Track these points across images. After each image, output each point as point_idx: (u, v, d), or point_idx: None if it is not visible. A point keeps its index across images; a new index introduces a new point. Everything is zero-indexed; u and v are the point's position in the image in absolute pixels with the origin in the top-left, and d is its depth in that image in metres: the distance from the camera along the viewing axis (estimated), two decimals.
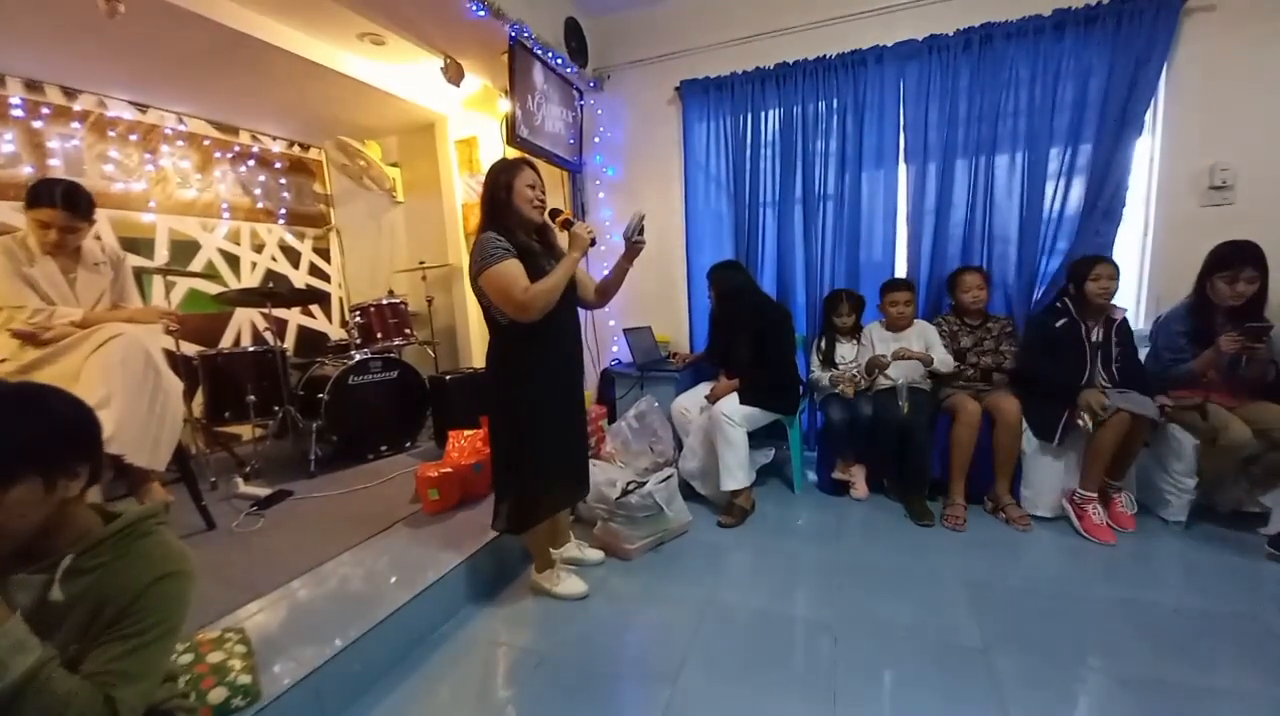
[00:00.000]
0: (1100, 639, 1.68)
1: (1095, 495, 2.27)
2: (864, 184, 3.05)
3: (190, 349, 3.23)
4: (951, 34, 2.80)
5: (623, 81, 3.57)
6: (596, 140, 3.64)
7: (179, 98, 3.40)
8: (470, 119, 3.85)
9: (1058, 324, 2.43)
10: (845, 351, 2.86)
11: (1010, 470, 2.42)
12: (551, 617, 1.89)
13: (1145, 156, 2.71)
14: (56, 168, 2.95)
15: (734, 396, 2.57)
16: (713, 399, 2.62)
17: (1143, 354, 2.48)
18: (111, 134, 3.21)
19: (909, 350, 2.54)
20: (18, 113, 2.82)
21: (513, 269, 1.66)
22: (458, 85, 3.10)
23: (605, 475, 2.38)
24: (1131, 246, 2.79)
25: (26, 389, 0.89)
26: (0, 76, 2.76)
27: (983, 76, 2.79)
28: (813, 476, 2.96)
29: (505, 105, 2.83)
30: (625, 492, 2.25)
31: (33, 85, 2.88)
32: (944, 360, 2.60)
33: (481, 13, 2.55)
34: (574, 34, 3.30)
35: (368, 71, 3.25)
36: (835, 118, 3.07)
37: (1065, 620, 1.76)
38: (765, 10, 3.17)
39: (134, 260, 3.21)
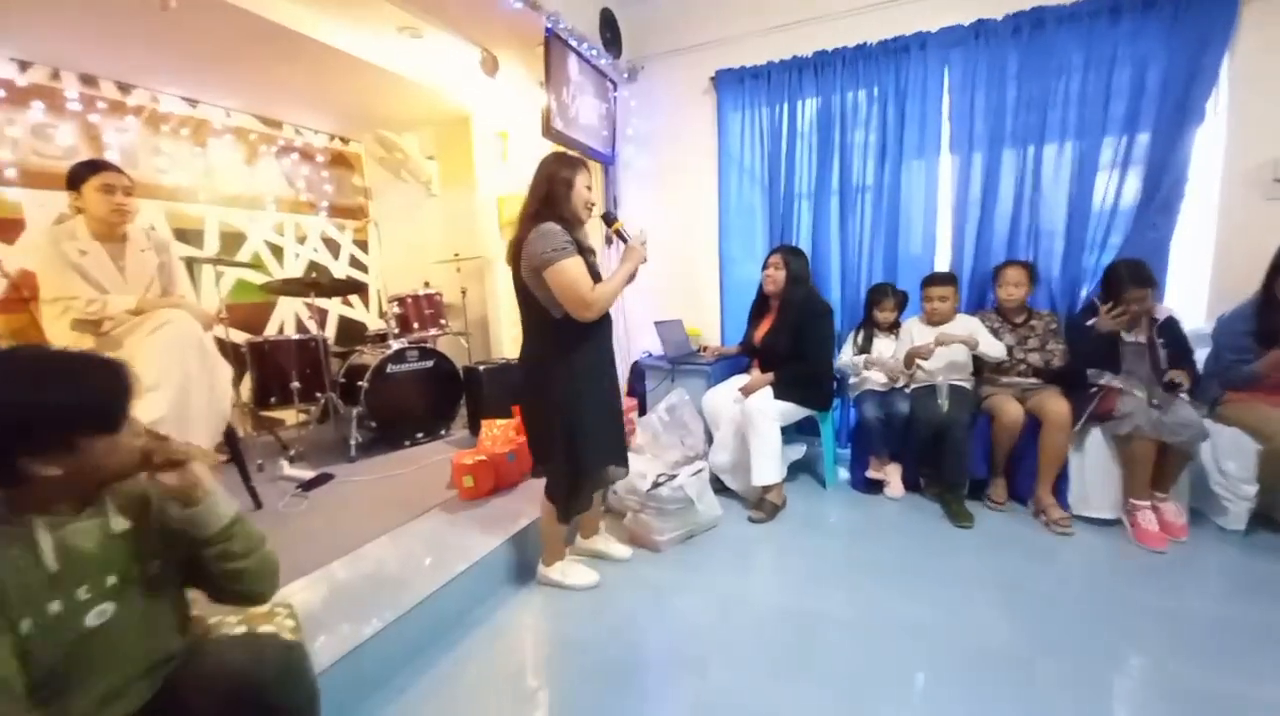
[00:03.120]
0: (1142, 647, 1.62)
1: (1146, 503, 2.18)
2: (904, 175, 2.97)
3: (238, 336, 3.36)
4: (1000, 19, 2.69)
5: (656, 72, 3.54)
6: (630, 132, 3.62)
7: (227, 92, 3.51)
8: (502, 111, 3.87)
9: (1090, 323, 2.35)
10: (883, 347, 2.80)
11: (1053, 473, 2.34)
12: (581, 606, 1.91)
13: (1207, 147, 2.56)
14: (112, 160, 3.08)
15: (768, 390, 2.55)
16: (746, 393, 2.60)
17: (1203, 354, 2.36)
18: (164, 128, 3.34)
19: (952, 334, 2.46)
20: (75, 106, 2.95)
21: (580, 266, 1.67)
22: (493, 77, 3.13)
23: (636, 467, 2.38)
24: (1192, 241, 2.64)
25: (60, 357, 0.92)
26: (57, 71, 2.88)
27: (1033, 63, 2.68)
28: (845, 474, 2.92)
29: (540, 97, 2.84)
30: (656, 485, 2.26)
31: (89, 80, 3.00)
32: (994, 345, 2.50)
33: (518, 4, 2.56)
34: (609, 24, 3.29)
35: (406, 64, 3.30)
36: (875, 107, 2.99)
37: (1105, 626, 1.70)
38: None
39: (184, 250, 3.38)
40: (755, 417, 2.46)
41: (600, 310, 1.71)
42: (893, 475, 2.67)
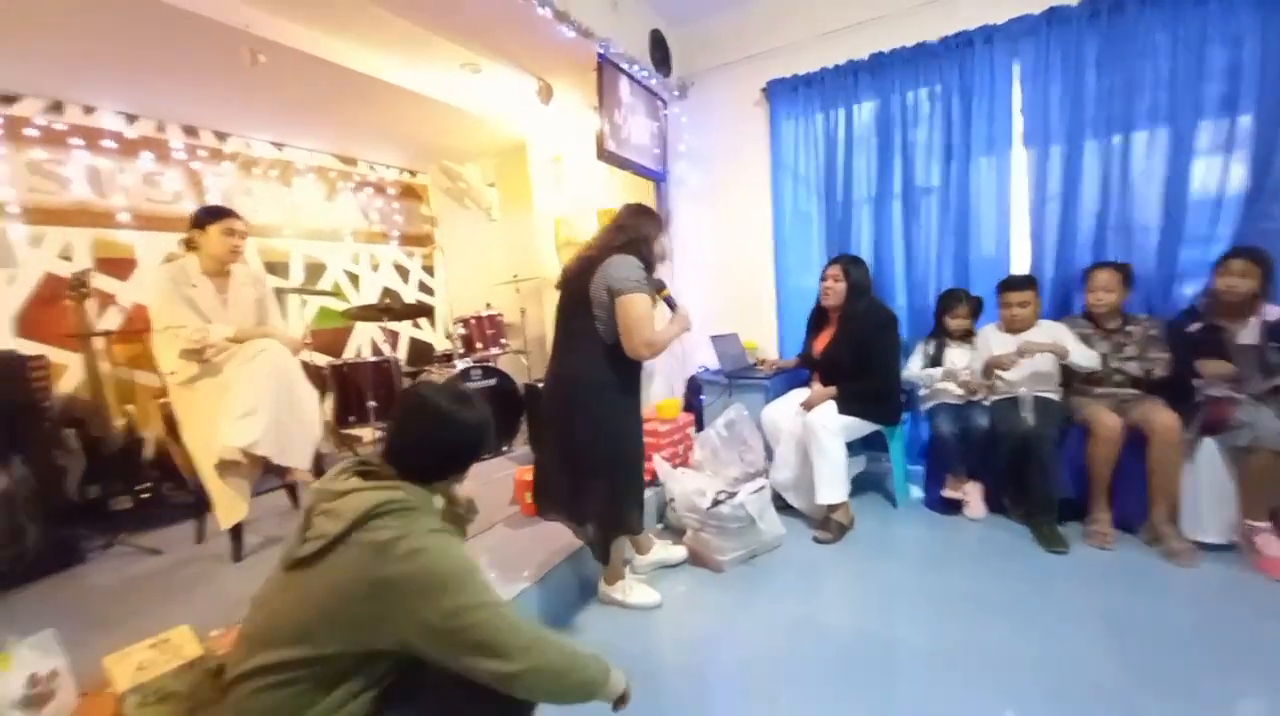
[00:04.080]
0: (1264, 688, 1.42)
1: (1267, 525, 1.93)
2: (972, 173, 2.82)
3: (321, 359, 3.60)
4: (1075, 4, 2.52)
5: (707, 87, 3.55)
6: (681, 148, 3.64)
7: (309, 135, 3.82)
8: (556, 136, 3.99)
9: (1189, 329, 2.15)
10: (955, 357, 2.64)
11: (1170, 495, 2.09)
12: (645, 626, 1.89)
13: None
14: (212, 202, 3.40)
15: (831, 404, 2.46)
16: (808, 407, 2.52)
17: None
18: (255, 170, 3.67)
19: (1037, 343, 2.28)
20: (179, 155, 3.29)
21: (649, 305, 1.75)
22: (548, 104, 3.23)
23: (695, 484, 2.36)
24: None
25: None
26: (162, 123, 3.22)
27: (1114, 47, 2.48)
28: (918, 492, 2.76)
29: (593, 120, 2.91)
30: (716, 502, 2.21)
31: (190, 130, 3.34)
32: (1085, 354, 2.30)
33: (571, 33, 2.64)
34: (659, 45, 3.34)
35: (467, 98, 3.47)
36: (938, 104, 2.86)
37: (1220, 664, 1.51)
38: (855, 1, 3.03)
39: (273, 281, 3.67)
40: (819, 433, 2.37)
41: (655, 353, 1.77)
42: (972, 494, 2.49)
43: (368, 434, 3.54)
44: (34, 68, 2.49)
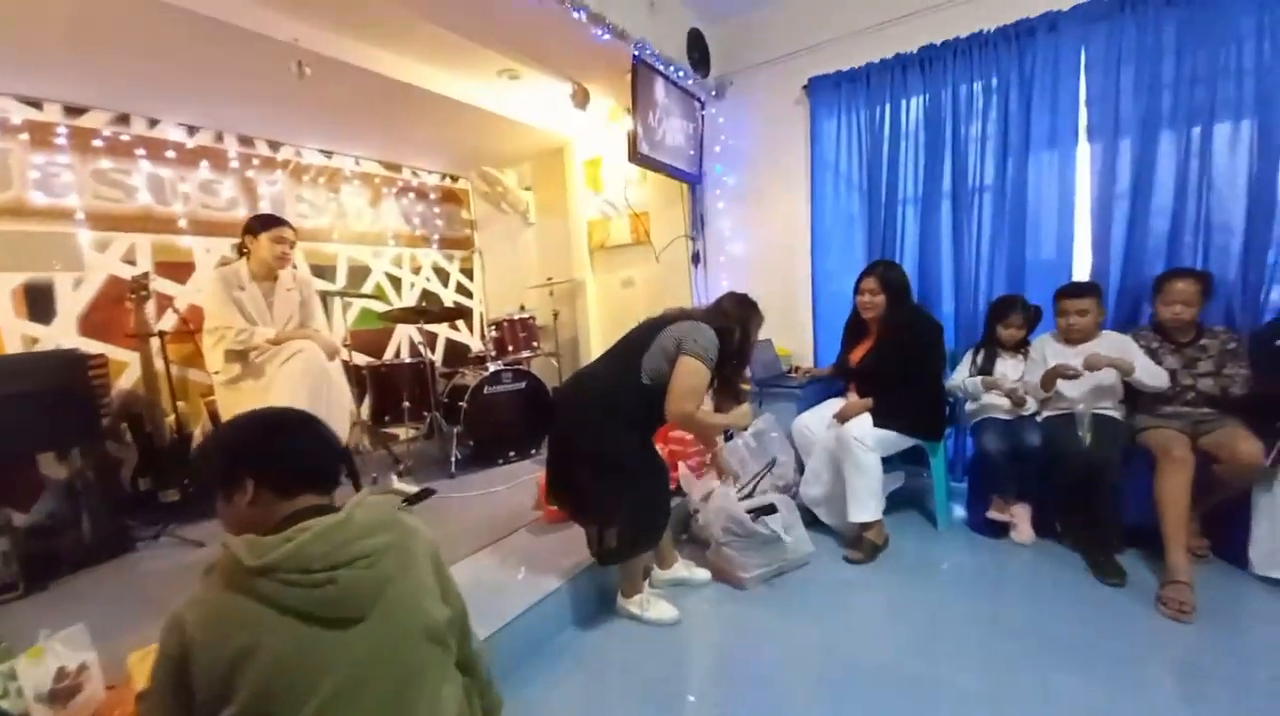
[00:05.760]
0: None
1: None
2: (1031, 170, 2.62)
3: (361, 359, 3.72)
4: None
5: (746, 86, 3.46)
6: (717, 149, 3.56)
7: (354, 143, 3.95)
8: (594, 139, 3.99)
9: (1278, 342, 1.95)
10: (1007, 369, 2.46)
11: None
12: (663, 643, 1.83)
13: None
14: (265, 209, 3.56)
15: (867, 417, 2.33)
16: (842, 418, 2.39)
17: None
18: (305, 178, 3.81)
19: (1102, 357, 2.10)
20: (235, 164, 3.45)
21: (705, 381, 1.76)
22: (584, 109, 3.22)
23: (722, 498, 2.28)
24: None
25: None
26: (220, 134, 3.39)
27: (1195, 31, 2.25)
28: (960, 512, 2.59)
29: (629, 122, 2.88)
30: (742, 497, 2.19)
31: (245, 140, 3.51)
32: (1152, 372, 2.10)
33: (606, 36, 2.61)
34: (696, 44, 3.27)
35: (505, 105, 3.51)
36: (995, 97, 2.67)
37: None
38: None
39: (319, 284, 3.81)
40: (852, 447, 2.25)
41: (685, 427, 1.87)
42: (1020, 517, 2.31)
43: (403, 432, 3.63)
44: (102, 82, 2.66)
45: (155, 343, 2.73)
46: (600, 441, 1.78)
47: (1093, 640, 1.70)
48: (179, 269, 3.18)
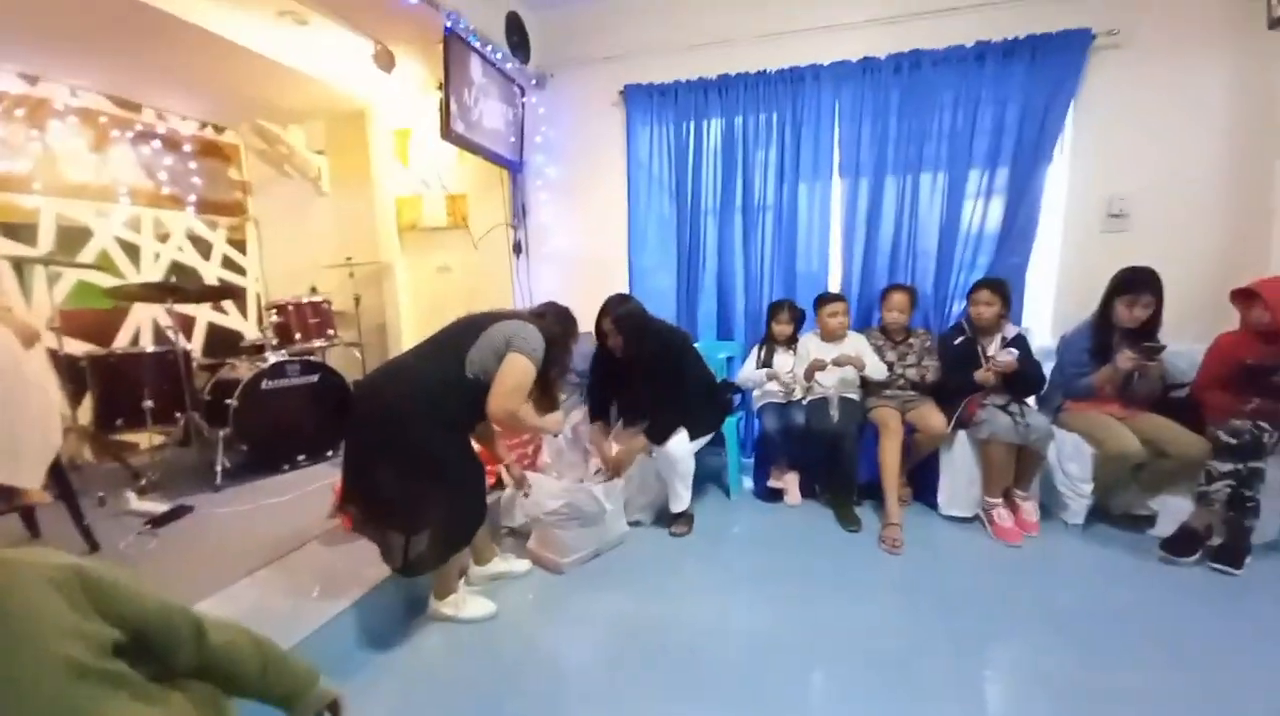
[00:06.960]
0: (1006, 632, 1.80)
1: (1000, 501, 2.41)
2: (801, 196, 3.14)
3: (78, 348, 2.91)
4: (883, 57, 2.91)
5: (566, 81, 3.50)
6: (539, 139, 3.55)
7: (74, 69, 3.06)
8: (405, 109, 3.66)
9: (956, 342, 2.61)
10: (782, 361, 2.92)
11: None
12: (481, 640, 1.80)
13: (1056, 182, 2.90)
14: None
15: (683, 435, 2.45)
16: (618, 470, 2.47)
17: (1049, 367, 2.65)
18: None
19: (848, 357, 2.61)
20: None
21: (531, 381, 1.75)
22: (389, 73, 2.95)
23: (542, 487, 2.30)
24: (1042, 267, 2.99)
25: None
26: None
27: (912, 99, 2.92)
28: (749, 483, 3.00)
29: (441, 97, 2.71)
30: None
31: None
32: (877, 367, 2.68)
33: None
34: (516, 28, 3.20)
35: (287, 52, 3.02)
36: (775, 130, 3.14)
37: (977, 610, 1.88)
38: (708, 20, 3.19)
39: (11, 248, 2.89)
40: (677, 464, 2.44)
41: (506, 425, 1.83)
42: (790, 483, 2.78)
43: (143, 440, 2.94)
44: None
45: None
46: (419, 439, 1.65)
47: (841, 572, 2.15)
48: None
